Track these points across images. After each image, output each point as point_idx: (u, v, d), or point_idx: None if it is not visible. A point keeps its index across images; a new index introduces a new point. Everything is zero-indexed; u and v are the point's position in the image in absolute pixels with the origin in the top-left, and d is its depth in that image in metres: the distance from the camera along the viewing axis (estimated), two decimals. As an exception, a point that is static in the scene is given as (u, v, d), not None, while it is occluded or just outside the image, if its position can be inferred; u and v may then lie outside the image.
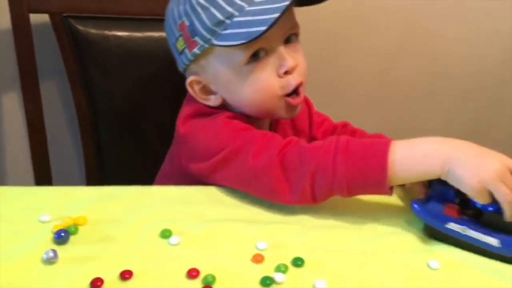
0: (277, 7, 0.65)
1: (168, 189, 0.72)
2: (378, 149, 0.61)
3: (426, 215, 0.62)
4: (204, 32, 0.69)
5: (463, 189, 0.58)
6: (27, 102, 0.96)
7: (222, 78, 0.73)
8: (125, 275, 0.53)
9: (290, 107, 0.75)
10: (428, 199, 0.63)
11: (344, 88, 1.32)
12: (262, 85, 0.72)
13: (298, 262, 0.57)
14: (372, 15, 1.23)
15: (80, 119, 1.03)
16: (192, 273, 0.54)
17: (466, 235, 0.59)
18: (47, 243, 0.58)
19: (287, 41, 0.73)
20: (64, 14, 0.94)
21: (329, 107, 1.31)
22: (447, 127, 1.39)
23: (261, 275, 0.54)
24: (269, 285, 0.53)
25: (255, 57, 0.71)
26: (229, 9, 0.68)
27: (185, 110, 0.77)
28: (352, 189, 0.62)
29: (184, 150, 0.76)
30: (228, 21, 0.68)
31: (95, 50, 0.96)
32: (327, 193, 0.64)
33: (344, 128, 0.92)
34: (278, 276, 0.54)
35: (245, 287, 0.53)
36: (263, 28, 0.64)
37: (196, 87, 0.76)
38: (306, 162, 0.63)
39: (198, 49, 0.71)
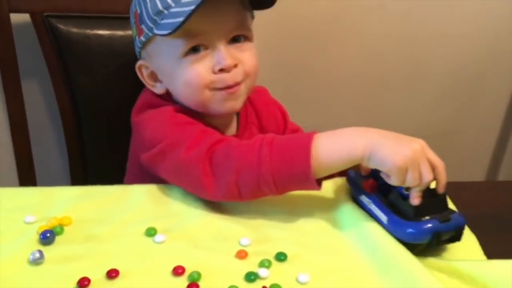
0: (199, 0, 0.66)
1: (150, 187, 0.72)
2: (302, 140, 0.62)
3: (350, 184, 0.70)
4: (147, 21, 0.72)
5: (385, 167, 0.60)
6: (9, 102, 0.96)
7: (164, 68, 0.76)
8: (112, 274, 0.54)
9: (222, 98, 0.74)
10: (367, 174, 0.67)
11: (324, 87, 1.33)
12: (192, 77, 0.72)
13: (281, 257, 0.59)
14: (352, 14, 1.24)
15: (63, 118, 1.02)
16: (178, 271, 0.55)
17: (369, 208, 0.64)
18: (32, 244, 0.59)
19: (234, 40, 0.74)
20: (45, 14, 0.94)
21: (311, 105, 1.33)
22: (425, 124, 1.41)
23: (246, 270, 0.56)
24: (253, 280, 0.55)
25: (194, 51, 0.72)
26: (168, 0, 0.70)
27: (139, 100, 0.80)
28: (279, 183, 0.62)
29: (135, 140, 0.79)
30: (165, 11, 0.70)
31: (77, 49, 0.96)
32: (254, 189, 0.63)
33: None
34: (262, 271, 0.56)
35: (230, 283, 0.54)
36: (181, 19, 0.66)
37: (145, 72, 0.79)
38: (231, 158, 0.64)
39: (144, 37, 0.74)
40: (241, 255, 0.59)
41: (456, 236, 0.60)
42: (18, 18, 0.96)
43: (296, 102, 1.28)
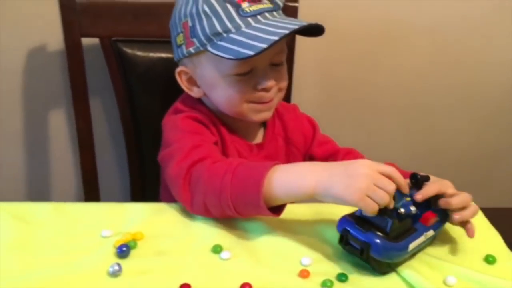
0: (267, 38, 0.72)
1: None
2: (259, 170, 0.66)
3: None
4: (202, 37, 0.77)
5: (347, 204, 0.62)
6: (78, 120, 1.03)
7: (207, 78, 0.81)
8: (184, 287, 0.58)
9: (257, 110, 0.82)
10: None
11: (375, 107, 1.35)
12: (235, 94, 0.80)
13: (342, 277, 0.61)
14: (403, 36, 1.26)
15: (126, 135, 1.08)
16: (245, 287, 0.59)
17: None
18: (110, 257, 0.63)
19: (274, 63, 0.80)
20: (113, 38, 1.01)
21: (361, 125, 1.35)
22: (474, 146, 1.40)
23: (309, 289, 0.59)
24: (317, 299, 0.58)
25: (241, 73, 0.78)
26: (229, 25, 0.75)
27: (170, 108, 0.88)
28: (238, 208, 0.67)
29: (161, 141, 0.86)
30: (224, 35, 0.75)
31: (140, 71, 1.03)
32: (219, 210, 0.69)
33: (348, 155, 0.94)
34: (325, 291, 0.58)
35: (295, 301, 0.57)
36: (251, 53, 0.71)
37: (184, 77, 0.85)
38: (201, 180, 0.70)
39: (194, 49, 0.79)
40: (304, 274, 0.62)
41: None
42: (88, 42, 1.03)
43: (343, 123, 1.31)
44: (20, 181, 1.24)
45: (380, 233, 0.61)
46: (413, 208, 0.63)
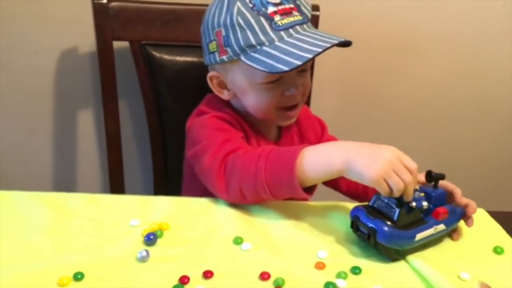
0: (301, 56, 0.76)
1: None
2: (291, 152, 0.72)
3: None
4: (236, 48, 0.81)
5: (364, 181, 0.66)
6: (107, 119, 1.08)
7: (238, 84, 0.86)
8: (208, 274, 0.62)
9: (284, 117, 0.89)
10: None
11: (392, 114, 1.38)
12: (265, 101, 0.85)
13: (356, 270, 0.64)
14: (421, 47, 1.29)
15: (151, 135, 1.13)
16: (264, 276, 0.62)
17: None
18: (138, 244, 0.68)
19: (301, 70, 0.85)
20: (142, 42, 1.06)
21: (377, 132, 1.38)
22: (490, 156, 1.42)
23: (325, 280, 0.62)
24: (332, 289, 0.61)
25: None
26: (262, 38, 0.79)
27: (194, 112, 0.92)
28: (273, 190, 0.72)
29: (186, 141, 0.90)
30: (258, 47, 0.80)
31: (167, 74, 1.08)
32: (254, 194, 0.74)
33: None
34: (339, 282, 0.62)
35: (311, 290, 0.60)
36: (286, 68, 0.76)
37: (215, 81, 0.90)
38: (236, 167, 0.75)
39: (227, 58, 0.83)
40: (320, 266, 0.65)
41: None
42: (119, 45, 1.08)
43: (359, 129, 1.34)
44: (48, 177, 1.30)
45: (388, 221, 0.65)
46: (425, 203, 0.68)
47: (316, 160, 0.71)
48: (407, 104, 1.37)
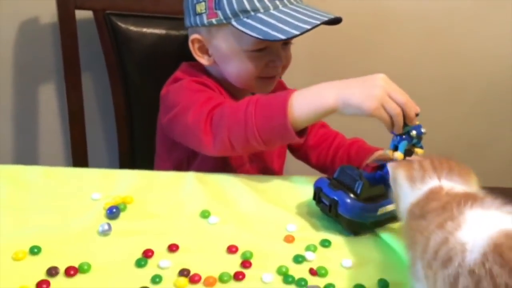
0: (298, 26, 0.76)
1: (202, 175, 0.78)
2: (280, 97, 0.71)
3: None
4: (228, 11, 0.79)
5: (364, 112, 0.66)
6: (69, 92, 1.03)
7: (222, 50, 0.84)
8: (173, 247, 0.60)
9: (263, 87, 0.87)
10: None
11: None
12: (248, 69, 0.84)
13: (325, 243, 0.63)
14: (391, 23, 1.28)
15: (116, 110, 1.09)
16: (232, 249, 0.61)
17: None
18: (100, 218, 0.65)
19: (286, 42, 0.85)
20: (107, 12, 1.01)
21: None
22: (458, 137, 1.43)
23: (293, 253, 0.61)
24: (301, 262, 0.60)
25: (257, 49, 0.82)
26: (257, 4, 0.78)
27: (169, 80, 0.89)
28: (264, 136, 0.71)
29: (161, 109, 0.88)
30: (252, 13, 0.79)
31: (133, 46, 1.03)
32: (244, 143, 0.72)
33: (356, 144, 0.96)
34: (308, 255, 0.60)
35: (280, 263, 0.58)
36: (282, 37, 0.76)
37: (196, 45, 0.87)
38: (224, 117, 0.74)
39: (216, 21, 0.81)
40: (289, 239, 0.64)
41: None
42: (82, 15, 1.03)
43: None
44: (9, 152, 1.24)
45: (351, 194, 0.64)
46: (423, 130, 0.68)
47: (307, 100, 0.70)
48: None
